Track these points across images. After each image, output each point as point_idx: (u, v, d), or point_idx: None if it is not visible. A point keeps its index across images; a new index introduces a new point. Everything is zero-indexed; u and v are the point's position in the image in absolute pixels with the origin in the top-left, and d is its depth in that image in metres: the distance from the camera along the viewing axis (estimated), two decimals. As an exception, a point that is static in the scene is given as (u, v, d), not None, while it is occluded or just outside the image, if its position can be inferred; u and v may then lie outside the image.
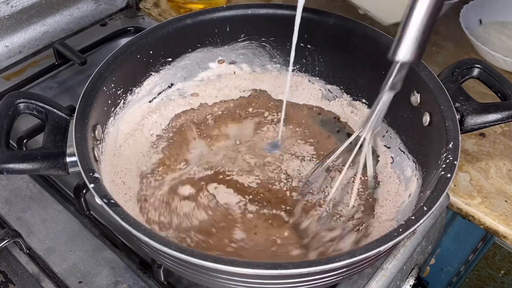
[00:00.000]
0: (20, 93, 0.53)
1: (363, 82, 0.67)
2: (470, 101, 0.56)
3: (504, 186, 0.65)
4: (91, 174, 0.46)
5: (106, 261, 0.57)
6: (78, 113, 0.51)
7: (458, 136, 0.51)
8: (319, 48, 0.68)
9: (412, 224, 0.44)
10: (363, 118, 0.52)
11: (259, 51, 0.70)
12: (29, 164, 0.48)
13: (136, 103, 0.64)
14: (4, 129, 0.50)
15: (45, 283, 0.55)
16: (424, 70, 0.58)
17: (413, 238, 0.61)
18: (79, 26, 0.88)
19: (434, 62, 0.82)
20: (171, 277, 0.56)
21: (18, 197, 0.63)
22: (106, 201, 0.44)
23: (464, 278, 0.77)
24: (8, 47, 0.80)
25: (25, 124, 0.66)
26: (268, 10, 0.66)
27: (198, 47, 0.67)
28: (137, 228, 0.43)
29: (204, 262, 0.41)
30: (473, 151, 0.69)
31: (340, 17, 0.64)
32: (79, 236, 0.59)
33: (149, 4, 0.93)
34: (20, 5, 0.78)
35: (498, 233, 0.62)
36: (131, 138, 0.64)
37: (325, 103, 0.71)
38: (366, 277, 0.57)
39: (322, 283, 0.48)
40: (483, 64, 0.60)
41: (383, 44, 0.62)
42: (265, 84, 0.72)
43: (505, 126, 0.72)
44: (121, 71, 0.59)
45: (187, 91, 0.70)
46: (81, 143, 0.49)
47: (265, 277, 0.44)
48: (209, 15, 0.65)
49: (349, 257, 0.41)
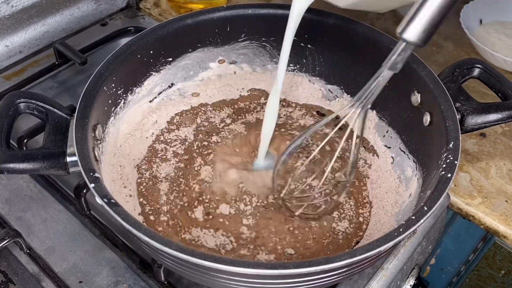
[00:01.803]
0: (20, 93, 0.53)
1: (363, 82, 0.67)
2: (471, 101, 0.56)
3: (505, 186, 0.65)
4: (92, 173, 0.46)
5: (107, 261, 0.57)
6: (78, 113, 0.51)
7: (458, 136, 0.51)
8: (319, 48, 0.68)
9: (413, 224, 0.44)
10: (357, 94, 0.52)
11: (260, 51, 0.70)
12: (30, 164, 0.48)
13: (136, 103, 0.64)
14: (5, 129, 0.50)
15: (45, 283, 0.55)
16: (425, 70, 0.58)
17: (414, 238, 0.61)
18: (79, 26, 0.88)
19: (434, 62, 0.82)
20: (171, 277, 0.56)
21: (19, 197, 0.63)
22: (106, 201, 0.44)
23: (464, 278, 0.77)
24: (9, 47, 0.80)
25: (25, 124, 0.66)
26: (269, 10, 0.66)
27: (198, 47, 0.67)
28: (138, 228, 0.43)
29: (204, 262, 0.41)
30: (474, 151, 0.69)
31: (340, 17, 0.64)
32: (80, 236, 0.59)
33: (149, 4, 0.93)
34: (21, 4, 0.78)
35: (498, 233, 0.62)
36: (132, 138, 0.64)
37: (326, 103, 0.71)
38: (366, 277, 0.57)
39: (322, 283, 0.48)
40: (484, 64, 0.60)
41: (383, 44, 0.62)
42: (265, 84, 0.72)
43: (506, 126, 0.72)
44: (122, 71, 0.59)
45: (188, 91, 0.70)
46: (81, 143, 0.49)
47: (265, 277, 0.44)
48: (210, 15, 0.65)
49: (349, 257, 0.41)
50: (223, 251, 0.55)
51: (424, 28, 0.43)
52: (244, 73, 0.72)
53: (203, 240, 0.56)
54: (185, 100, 0.70)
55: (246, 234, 0.56)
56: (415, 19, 0.43)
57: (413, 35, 0.44)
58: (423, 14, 0.43)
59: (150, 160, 0.63)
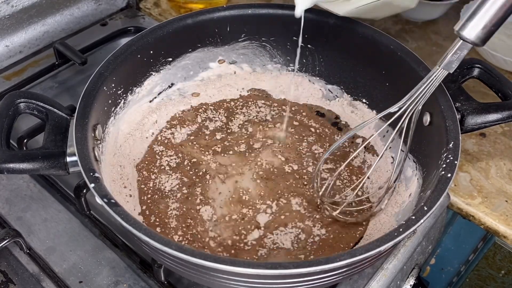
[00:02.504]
0: (20, 92, 0.53)
1: (363, 81, 0.67)
2: (471, 101, 0.56)
3: (505, 186, 0.65)
4: (92, 173, 0.46)
5: (107, 261, 0.57)
6: (78, 113, 0.51)
7: (458, 136, 0.51)
8: (319, 48, 0.68)
9: (413, 224, 0.44)
10: (407, 95, 0.50)
11: (260, 51, 0.70)
12: (30, 164, 0.48)
13: (136, 103, 0.64)
14: (5, 129, 0.50)
15: (45, 283, 0.55)
16: (425, 70, 0.58)
17: (414, 238, 0.61)
18: (79, 26, 0.88)
19: (434, 62, 0.81)
20: (171, 277, 0.56)
21: (19, 197, 0.63)
22: (106, 201, 0.44)
23: (464, 278, 0.77)
24: (9, 47, 0.80)
25: (25, 124, 0.66)
26: (268, 10, 0.66)
27: (198, 47, 0.67)
28: (138, 228, 0.43)
29: (204, 261, 0.41)
30: (474, 151, 0.69)
31: (340, 17, 0.64)
32: (80, 236, 0.59)
33: (149, 4, 0.93)
34: (21, 4, 0.78)
35: (498, 233, 0.62)
36: (132, 138, 0.64)
37: (326, 102, 0.71)
38: (366, 277, 0.57)
39: (322, 283, 0.48)
40: (484, 64, 0.60)
41: (383, 44, 0.62)
42: (265, 84, 0.72)
43: (506, 126, 0.72)
44: (122, 71, 0.59)
45: (188, 91, 0.70)
46: (81, 142, 0.49)
47: (265, 277, 0.44)
48: (209, 15, 0.65)
49: (349, 257, 0.41)
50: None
51: (484, 26, 0.41)
52: (244, 73, 0.72)
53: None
54: (185, 100, 0.70)
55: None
56: (476, 16, 0.41)
57: (472, 33, 0.42)
58: (485, 11, 0.41)
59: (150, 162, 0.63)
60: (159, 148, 0.65)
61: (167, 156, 0.64)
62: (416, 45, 0.85)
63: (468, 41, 0.43)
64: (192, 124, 0.68)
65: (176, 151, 0.65)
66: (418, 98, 0.50)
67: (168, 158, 0.64)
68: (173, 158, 0.64)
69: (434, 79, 0.48)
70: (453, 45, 0.45)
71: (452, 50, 0.45)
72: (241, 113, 0.70)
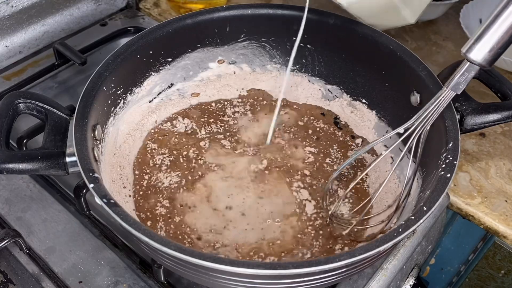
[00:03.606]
0: (20, 93, 0.53)
1: (363, 82, 0.67)
2: (470, 101, 0.56)
3: (504, 186, 0.65)
4: (91, 174, 0.46)
5: (106, 261, 0.57)
6: (78, 113, 0.51)
7: (458, 136, 0.51)
8: (319, 48, 0.68)
9: (412, 224, 0.44)
10: (417, 113, 0.50)
11: (259, 51, 0.70)
12: (29, 164, 0.48)
13: (136, 103, 0.64)
14: (4, 129, 0.50)
15: (45, 283, 0.55)
16: (424, 70, 0.58)
17: (413, 238, 0.61)
18: (79, 26, 0.88)
19: (434, 62, 0.82)
20: (171, 277, 0.56)
21: (18, 197, 0.63)
22: (106, 201, 0.44)
23: (464, 278, 0.77)
24: (8, 47, 0.80)
25: (25, 124, 0.66)
26: (268, 10, 0.66)
27: (198, 47, 0.67)
28: (137, 228, 0.43)
29: (203, 262, 0.41)
30: (473, 151, 0.69)
31: (340, 17, 0.64)
32: (79, 236, 0.59)
33: (149, 4, 0.93)
34: (20, 5, 0.78)
35: (498, 233, 0.62)
36: (131, 138, 0.64)
37: (325, 103, 0.71)
38: (366, 277, 0.57)
39: (322, 283, 0.48)
40: (483, 64, 0.60)
41: (383, 44, 0.62)
42: (265, 84, 0.72)
43: (505, 126, 0.72)
44: (121, 71, 0.59)
45: (187, 91, 0.70)
46: (81, 143, 0.49)
47: (265, 277, 0.44)
48: (209, 15, 0.65)
49: (349, 257, 0.41)
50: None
51: (491, 49, 0.42)
52: (244, 73, 0.72)
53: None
54: (184, 100, 0.70)
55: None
56: (482, 39, 0.42)
57: (479, 56, 0.42)
58: (491, 34, 0.41)
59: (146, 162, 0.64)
60: (153, 145, 0.65)
61: (160, 154, 0.64)
62: (416, 45, 0.85)
63: (475, 64, 0.43)
64: (191, 121, 0.68)
65: (170, 149, 0.65)
66: (426, 118, 0.51)
67: (161, 156, 0.64)
68: (166, 156, 0.64)
69: (442, 100, 0.49)
70: (461, 66, 0.45)
71: (459, 72, 0.45)
72: (241, 112, 0.70)
